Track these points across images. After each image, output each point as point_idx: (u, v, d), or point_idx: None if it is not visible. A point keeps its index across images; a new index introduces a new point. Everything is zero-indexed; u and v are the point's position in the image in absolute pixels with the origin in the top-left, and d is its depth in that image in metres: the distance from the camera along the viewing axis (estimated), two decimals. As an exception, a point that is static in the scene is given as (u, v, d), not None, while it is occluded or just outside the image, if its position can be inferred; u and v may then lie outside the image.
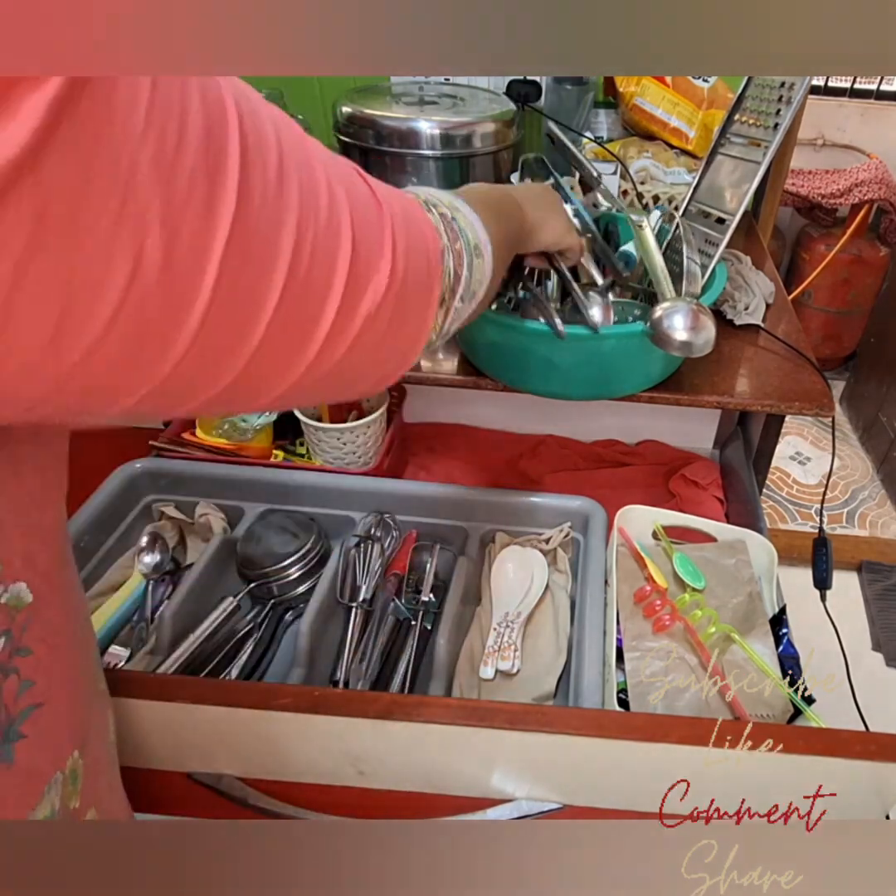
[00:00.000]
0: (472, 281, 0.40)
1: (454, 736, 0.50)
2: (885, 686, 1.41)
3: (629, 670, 0.64)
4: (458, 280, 0.39)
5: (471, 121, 0.96)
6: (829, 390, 0.77)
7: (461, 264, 0.39)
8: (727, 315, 0.87)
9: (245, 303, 0.22)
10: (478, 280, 0.41)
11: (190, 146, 0.19)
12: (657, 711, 0.61)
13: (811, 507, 1.84)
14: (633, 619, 0.68)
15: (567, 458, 1.07)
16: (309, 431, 0.90)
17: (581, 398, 0.76)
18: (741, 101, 0.74)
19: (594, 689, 0.61)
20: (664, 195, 0.97)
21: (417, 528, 0.82)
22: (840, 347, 2.29)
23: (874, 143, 2.06)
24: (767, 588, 0.73)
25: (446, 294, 0.37)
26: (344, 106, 0.98)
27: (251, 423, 0.90)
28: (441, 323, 0.39)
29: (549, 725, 0.49)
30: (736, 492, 0.96)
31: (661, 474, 1.04)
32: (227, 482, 0.83)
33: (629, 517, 0.76)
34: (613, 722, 0.50)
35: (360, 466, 0.91)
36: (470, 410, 1.10)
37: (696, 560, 0.73)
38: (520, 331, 0.68)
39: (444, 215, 0.39)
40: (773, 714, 0.62)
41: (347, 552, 0.78)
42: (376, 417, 0.90)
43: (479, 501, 0.82)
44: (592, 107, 1.16)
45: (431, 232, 0.36)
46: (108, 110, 0.17)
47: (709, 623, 0.66)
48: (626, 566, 0.73)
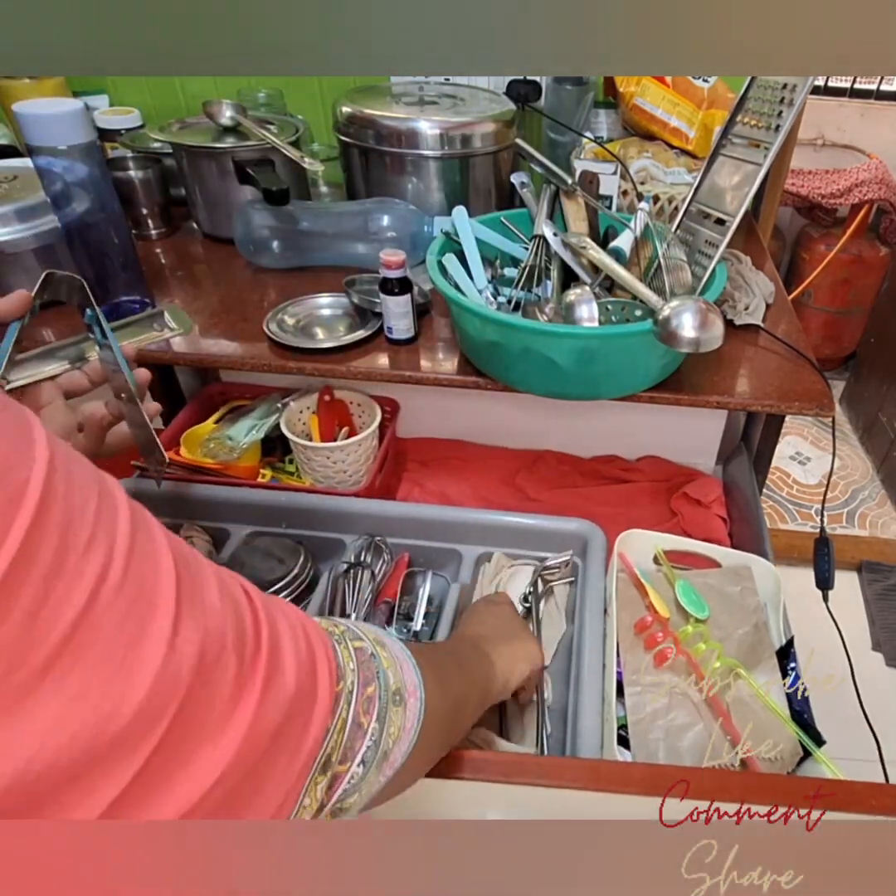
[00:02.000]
0: (384, 736, 0.32)
1: (444, 790, 0.47)
2: (885, 686, 1.41)
3: (629, 706, 0.61)
4: (361, 733, 0.31)
5: (471, 121, 0.96)
6: (829, 390, 0.77)
7: (369, 712, 0.31)
8: (727, 315, 0.87)
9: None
10: (392, 735, 0.33)
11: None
12: (659, 751, 0.59)
13: (811, 507, 1.84)
14: (633, 651, 0.65)
15: (566, 474, 1.03)
16: (298, 450, 0.88)
17: (581, 398, 0.76)
18: (743, 102, 0.74)
19: (593, 727, 0.59)
20: (664, 195, 0.97)
21: (409, 550, 0.80)
22: (840, 347, 2.29)
23: (874, 143, 2.06)
24: (774, 616, 0.71)
25: (334, 755, 0.29)
26: (344, 106, 0.98)
27: (238, 442, 0.88)
28: (321, 798, 0.29)
29: (545, 777, 0.48)
30: (740, 509, 0.93)
31: (663, 491, 1.01)
32: (213, 503, 0.81)
33: (630, 541, 0.74)
34: (611, 773, 0.48)
35: (351, 486, 0.88)
36: (466, 424, 1.06)
37: (699, 587, 0.70)
38: (520, 331, 0.68)
39: (361, 649, 0.33)
40: (781, 756, 0.59)
41: (336, 579, 0.76)
42: (367, 435, 0.87)
43: (474, 523, 0.80)
44: (592, 107, 1.16)
45: (325, 669, 0.30)
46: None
47: (713, 657, 0.63)
48: (627, 594, 0.70)
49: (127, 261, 0.84)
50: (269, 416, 0.92)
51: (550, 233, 0.77)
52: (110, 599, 0.21)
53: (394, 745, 0.33)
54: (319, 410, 0.93)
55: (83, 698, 0.20)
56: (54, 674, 0.19)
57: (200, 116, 1.02)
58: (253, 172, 0.92)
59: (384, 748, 0.32)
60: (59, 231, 0.81)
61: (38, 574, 0.19)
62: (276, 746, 0.26)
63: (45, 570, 0.19)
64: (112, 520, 0.23)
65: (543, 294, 0.77)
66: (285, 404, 0.93)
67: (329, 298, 0.91)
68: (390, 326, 0.82)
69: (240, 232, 0.95)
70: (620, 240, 0.78)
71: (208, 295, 0.93)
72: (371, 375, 0.81)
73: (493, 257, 0.82)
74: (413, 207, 0.96)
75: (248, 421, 0.92)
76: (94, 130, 0.76)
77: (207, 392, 1.00)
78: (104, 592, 0.21)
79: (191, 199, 1.05)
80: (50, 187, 0.76)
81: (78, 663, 0.20)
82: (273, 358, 0.81)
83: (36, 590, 0.19)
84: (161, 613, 0.23)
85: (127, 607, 0.22)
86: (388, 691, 0.33)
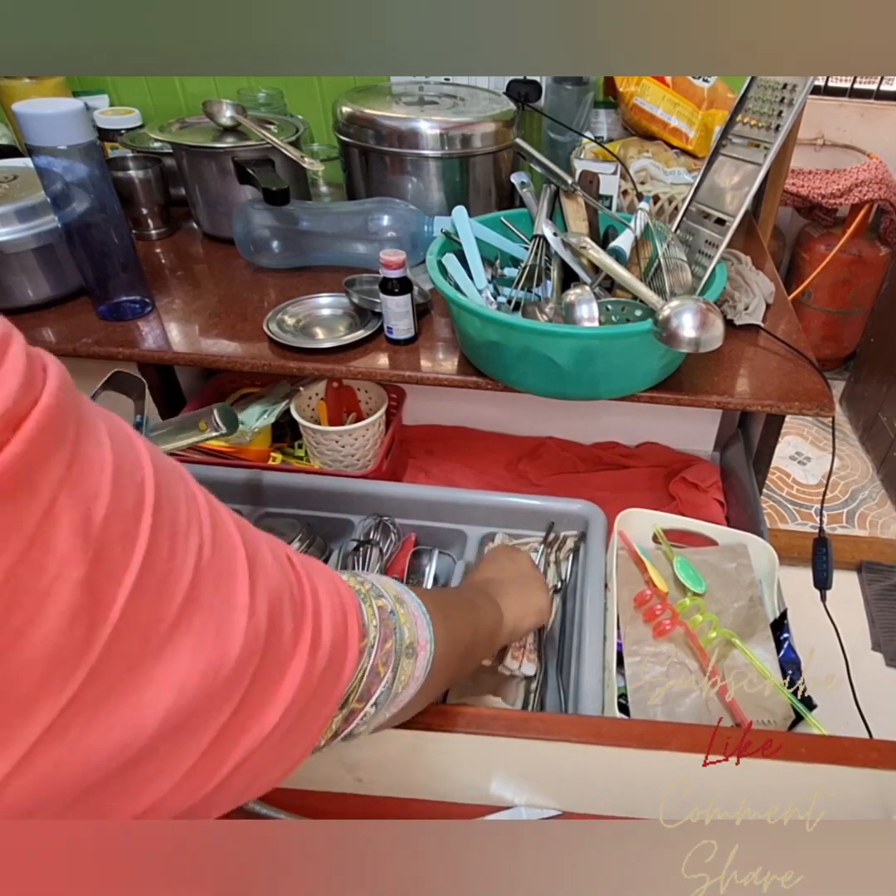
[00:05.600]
0: (395, 682, 0.37)
1: (452, 743, 0.50)
2: (885, 686, 1.40)
3: (629, 675, 0.63)
4: (377, 680, 0.36)
5: (471, 121, 0.96)
6: (829, 390, 0.77)
7: (386, 663, 0.36)
8: (727, 315, 0.87)
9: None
10: (402, 682, 0.38)
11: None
12: (657, 717, 0.60)
13: (811, 507, 1.84)
14: (633, 623, 0.67)
15: (567, 460, 1.07)
16: (307, 434, 0.90)
17: (581, 398, 0.76)
18: (743, 102, 0.74)
19: (594, 694, 0.61)
20: (664, 195, 0.97)
21: (416, 531, 0.81)
22: (840, 347, 2.29)
23: (874, 143, 2.06)
24: (769, 592, 0.73)
25: (352, 696, 0.34)
26: (344, 106, 0.98)
27: (249, 426, 0.90)
28: (338, 727, 0.35)
29: (548, 733, 0.49)
30: (736, 494, 0.95)
31: (662, 477, 1.04)
32: (224, 485, 0.82)
33: (629, 520, 0.76)
34: (612, 729, 0.49)
35: (358, 469, 0.90)
36: (469, 412, 1.10)
37: (696, 564, 0.72)
38: (520, 331, 0.68)
39: (383, 608, 0.38)
40: (773, 720, 0.61)
41: (346, 557, 0.78)
42: (375, 420, 0.89)
43: (478, 504, 0.81)
44: (592, 107, 1.16)
45: (355, 626, 0.34)
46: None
47: (709, 628, 0.65)
48: (627, 570, 0.72)
49: (127, 261, 0.84)
50: (279, 402, 0.94)
51: (550, 233, 0.77)
52: (206, 573, 0.25)
53: (402, 689, 0.38)
54: (328, 396, 0.95)
55: (200, 651, 0.24)
56: (177, 633, 0.23)
57: (200, 116, 1.02)
58: (253, 172, 0.92)
59: (395, 691, 0.38)
60: (59, 231, 0.81)
61: (162, 556, 0.23)
62: (317, 692, 0.31)
63: (165, 552, 0.23)
64: (194, 503, 0.26)
65: (543, 294, 0.77)
66: (295, 390, 0.94)
67: (329, 298, 0.91)
68: (390, 326, 0.82)
69: (240, 232, 0.95)
70: (620, 240, 0.78)
71: (208, 295, 0.93)
72: (371, 375, 0.81)
73: (493, 257, 0.82)
74: (413, 207, 0.96)
75: (259, 406, 0.94)
76: (94, 130, 0.76)
77: (218, 381, 1.02)
78: (202, 568, 0.25)
79: (191, 199, 1.05)
80: (50, 187, 0.76)
81: (193, 625, 0.24)
82: (273, 358, 0.81)
83: (160, 570, 0.23)
84: (240, 582, 0.27)
85: (216, 579, 0.26)
86: (402, 644, 0.38)
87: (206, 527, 0.26)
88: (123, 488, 0.22)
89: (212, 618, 0.25)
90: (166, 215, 1.09)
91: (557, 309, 0.73)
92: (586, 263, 0.78)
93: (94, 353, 0.82)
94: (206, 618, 0.24)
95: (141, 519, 0.23)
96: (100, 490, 0.21)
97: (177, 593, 0.23)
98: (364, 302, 0.86)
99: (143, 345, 0.82)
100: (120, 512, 0.22)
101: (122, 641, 0.21)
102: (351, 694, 0.34)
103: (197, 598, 0.24)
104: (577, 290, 0.70)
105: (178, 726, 0.23)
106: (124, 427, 0.25)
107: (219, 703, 0.25)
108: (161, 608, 0.23)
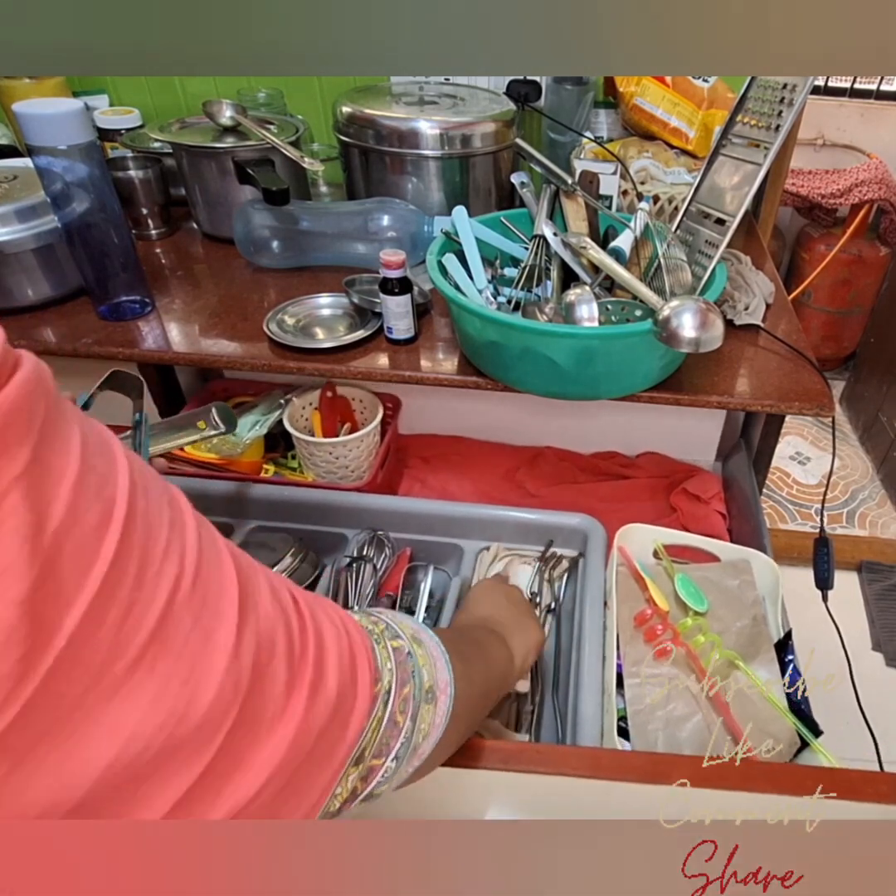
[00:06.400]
0: (415, 732, 0.34)
1: (445, 776, 0.47)
2: (885, 686, 1.40)
3: (629, 698, 0.62)
4: (396, 732, 0.32)
5: (471, 121, 0.96)
6: (829, 390, 0.77)
7: (404, 712, 0.33)
8: (727, 315, 0.87)
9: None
10: (422, 731, 0.34)
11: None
12: (658, 742, 0.59)
13: (811, 507, 1.84)
14: (633, 643, 0.66)
15: (566, 470, 1.04)
16: (300, 445, 0.88)
17: (581, 398, 0.76)
18: (743, 102, 0.74)
19: (593, 719, 0.59)
20: (664, 195, 0.97)
21: (411, 545, 0.80)
22: (840, 347, 2.28)
23: (874, 143, 2.06)
24: (772, 610, 0.71)
25: (368, 750, 0.31)
26: (344, 106, 0.98)
27: (241, 437, 0.89)
28: (355, 787, 0.31)
29: (545, 765, 0.48)
30: (738, 506, 0.93)
31: (662, 488, 1.01)
32: (214, 498, 0.81)
33: (629, 535, 0.74)
34: (611, 761, 0.48)
35: (353, 481, 0.89)
36: (466, 421, 1.07)
37: (698, 581, 0.71)
38: (520, 331, 0.68)
39: (399, 649, 0.35)
40: (779, 747, 0.59)
41: (339, 573, 0.76)
42: (369, 431, 0.88)
43: (475, 518, 0.80)
44: (592, 107, 1.16)
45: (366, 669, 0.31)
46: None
47: (712, 649, 0.63)
48: (627, 587, 0.71)
49: (127, 261, 0.84)
50: (271, 412, 0.93)
51: (550, 233, 0.77)
52: (183, 608, 0.22)
53: (423, 739, 0.35)
54: (322, 407, 0.94)
55: (163, 697, 0.21)
56: (137, 674, 0.21)
57: (200, 116, 1.02)
58: (253, 172, 0.92)
59: (415, 743, 0.34)
60: (59, 231, 0.81)
61: (126, 584, 0.21)
62: (318, 748, 0.27)
63: (131, 580, 0.21)
64: (181, 530, 0.24)
65: (543, 294, 0.77)
66: (288, 400, 0.93)
67: (329, 298, 0.91)
68: (390, 326, 0.82)
69: (240, 232, 0.95)
70: (620, 240, 0.78)
71: (208, 295, 0.93)
72: (371, 375, 0.81)
73: (493, 257, 0.82)
74: (413, 207, 0.96)
75: (252, 417, 0.93)
76: (94, 130, 0.76)
77: (210, 389, 1.01)
78: (177, 601, 0.22)
79: (191, 199, 1.05)
80: (50, 187, 0.76)
81: (157, 666, 0.21)
82: (273, 358, 0.81)
83: (123, 600, 0.21)
84: (226, 621, 0.24)
85: (196, 616, 0.23)
86: (421, 690, 0.35)
87: (189, 557, 0.24)
88: (86, 501, 0.20)
89: (183, 658, 0.22)
90: (166, 215, 1.09)
91: (557, 309, 0.73)
92: (586, 263, 0.78)
93: (94, 353, 0.82)
94: (175, 658, 0.22)
95: (104, 539, 0.20)
96: (55, 498, 0.19)
97: (141, 627, 0.21)
98: (364, 302, 0.86)
99: (143, 345, 0.82)
100: (77, 526, 0.20)
101: (64, 678, 0.19)
102: (367, 748, 0.31)
103: (166, 634, 0.22)
104: (577, 290, 0.70)
105: (120, 785, 0.20)
106: (109, 441, 0.23)
107: (183, 759, 0.22)
108: (120, 643, 0.20)
